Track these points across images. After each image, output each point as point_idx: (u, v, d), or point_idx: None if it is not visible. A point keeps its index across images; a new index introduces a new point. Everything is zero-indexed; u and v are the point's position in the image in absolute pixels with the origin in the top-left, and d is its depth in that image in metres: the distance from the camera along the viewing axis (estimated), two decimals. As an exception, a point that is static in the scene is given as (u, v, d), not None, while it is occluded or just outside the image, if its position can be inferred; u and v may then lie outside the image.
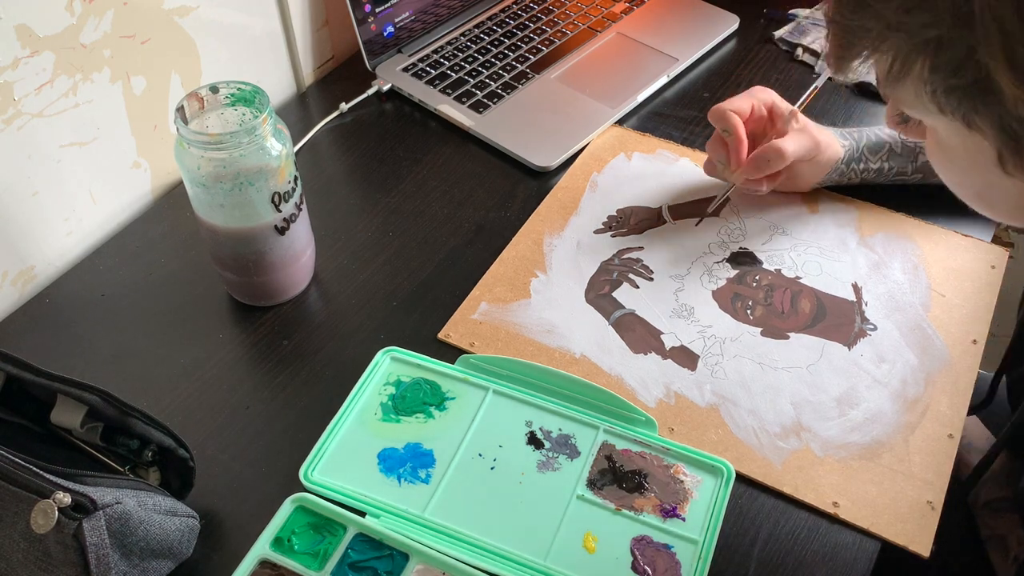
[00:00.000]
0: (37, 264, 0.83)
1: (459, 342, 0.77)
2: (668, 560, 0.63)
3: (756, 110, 0.82)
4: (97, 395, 0.60)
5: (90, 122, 0.82)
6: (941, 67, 0.43)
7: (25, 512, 0.53)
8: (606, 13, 1.12)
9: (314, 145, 0.97)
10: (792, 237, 0.86)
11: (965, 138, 0.46)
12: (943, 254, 0.84)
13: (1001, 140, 0.44)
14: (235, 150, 0.69)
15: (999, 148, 0.44)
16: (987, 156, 0.46)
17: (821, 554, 0.64)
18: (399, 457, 0.69)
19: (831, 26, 0.47)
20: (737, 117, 0.80)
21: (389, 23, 1.03)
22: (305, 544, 0.63)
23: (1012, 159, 0.44)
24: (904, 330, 0.78)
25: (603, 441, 0.70)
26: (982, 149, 0.46)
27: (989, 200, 0.52)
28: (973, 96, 0.43)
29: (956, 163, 0.51)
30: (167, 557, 0.61)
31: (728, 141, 0.81)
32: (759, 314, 0.79)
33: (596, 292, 0.81)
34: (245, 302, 0.81)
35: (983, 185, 0.50)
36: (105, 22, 0.79)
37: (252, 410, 0.73)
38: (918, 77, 0.44)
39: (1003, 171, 0.45)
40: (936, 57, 0.43)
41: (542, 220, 0.88)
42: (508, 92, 1.00)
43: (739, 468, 0.68)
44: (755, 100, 0.82)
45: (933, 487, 0.67)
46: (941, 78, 0.43)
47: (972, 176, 0.51)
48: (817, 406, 0.72)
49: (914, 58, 0.44)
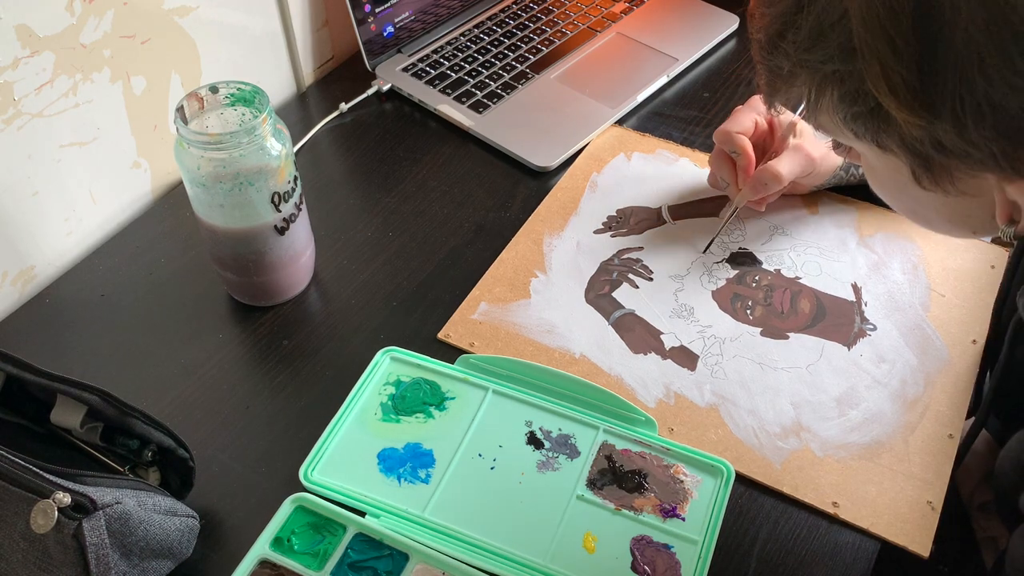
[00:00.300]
0: (37, 264, 0.83)
1: (459, 342, 0.77)
2: (668, 560, 0.63)
3: (759, 125, 0.82)
4: (97, 395, 0.60)
5: (90, 122, 0.82)
6: (845, 97, 0.46)
7: (25, 512, 0.53)
8: (606, 13, 1.12)
9: (314, 145, 0.97)
10: (792, 237, 0.86)
11: (883, 159, 0.49)
12: (943, 254, 0.84)
13: (910, 159, 0.46)
14: (235, 150, 0.69)
15: (911, 167, 0.47)
16: (904, 174, 0.48)
17: (821, 554, 0.64)
18: (399, 457, 0.69)
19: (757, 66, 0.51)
20: (744, 138, 0.81)
21: (389, 23, 1.03)
22: (305, 544, 0.64)
23: (924, 176, 0.46)
24: (904, 330, 0.78)
25: (603, 441, 0.70)
26: (899, 168, 0.48)
27: (924, 216, 0.54)
28: (874, 121, 0.45)
29: (884, 184, 0.53)
30: (167, 557, 0.61)
31: (737, 161, 0.82)
32: (759, 314, 0.79)
33: (596, 292, 0.81)
34: (245, 302, 0.81)
35: (912, 202, 0.53)
36: (105, 22, 0.79)
37: (252, 410, 0.73)
38: (829, 107, 0.47)
39: (921, 187, 0.47)
40: (840, 88, 0.45)
41: (542, 220, 0.88)
42: (508, 92, 1.00)
43: (739, 468, 0.68)
44: (756, 115, 0.82)
45: (933, 487, 0.67)
46: (845, 107, 0.46)
47: (901, 195, 0.53)
48: (817, 406, 0.72)
49: (823, 90, 0.47)
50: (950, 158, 0.44)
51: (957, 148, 0.43)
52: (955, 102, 0.40)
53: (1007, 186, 0.45)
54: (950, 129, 0.42)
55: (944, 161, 0.44)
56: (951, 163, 0.44)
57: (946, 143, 0.43)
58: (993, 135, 0.41)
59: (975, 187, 0.46)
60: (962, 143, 0.42)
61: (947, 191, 0.47)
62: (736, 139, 0.80)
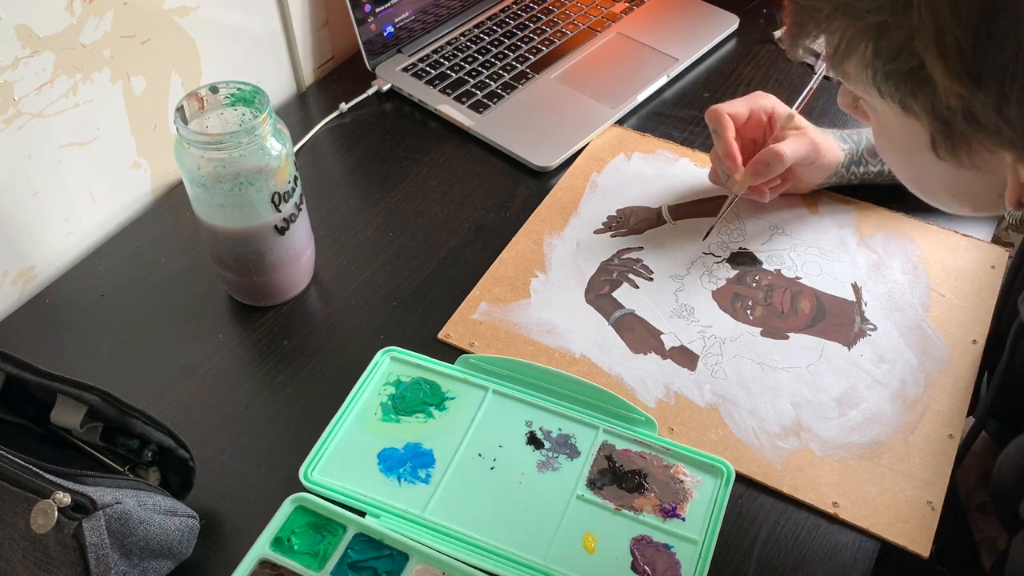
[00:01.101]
0: (37, 264, 0.83)
1: (459, 342, 0.77)
2: (668, 560, 0.63)
3: (755, 115, 0.82)
4: (97, 395, 0.60)
5: (90, 122, 0.82)
6: (881, 52, 0.44)
7: (25, 512, 0.53)
8: (606, 13, 1.12)
9: (314, 145, 0.97)
10: (792, 237, 0.86)
11: (902, 121, 0.48)
12: (943, 254, 0.84)
13: (934, 126, 0.45)
14: (235, 150, 0.69)
15: (932, 133, 0.46)
16: (921, 140, 0.47)
17: (821, 554, 0.64)
18: (399, 457, 0.69)
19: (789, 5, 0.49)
20: (728, 119, 0.80)
21: (389, 23, 1.03)
22: (305, 544, 0.64)
23: (944, 144, 0.46)
24: (904, 330, 0.78)
25: (603, 441, 0.70)
26: (917, 133, 0.47)
27: (926, 185, 0.53)
28: (909, 82, 0.44)
29: (894, 146, 0.52)
30: (167, 557, 0.61)
31: (715, 144, 0.82)
32: (759, 314, 0.79)
33: (596, 292, 0.81)
34: (245, 302, 0.81)
35: (919, 169, 0.52)
36: (105, 22, 0.79)
37: (252, 410, 0.73)
38: (861, 59, 0.46)
39: (935, 155, 0.47)
40: (878, 42, 0.44)
41: (542, 220, 0.88)
42: (508, 92, 1.00)
43: (739, 468, 0.68)
44: (754, 105, 0.82)
45: (933, 487, 0.67)
46: (881, 63, 0.45)
47: (909, 159, 0.52)
48: (817, 406, 0.72)
49: (858, 40, 0.45)
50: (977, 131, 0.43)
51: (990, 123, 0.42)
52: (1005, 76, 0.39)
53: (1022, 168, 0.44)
54: (990, 103, 0.41)
55: (969, 133, 0.44)
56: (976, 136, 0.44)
57: (980, 116, 0.42)
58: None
59: (990, 163, 0.46)
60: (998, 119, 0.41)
61: (961, 163, 0.46)
62: (720, 116, 0.80)
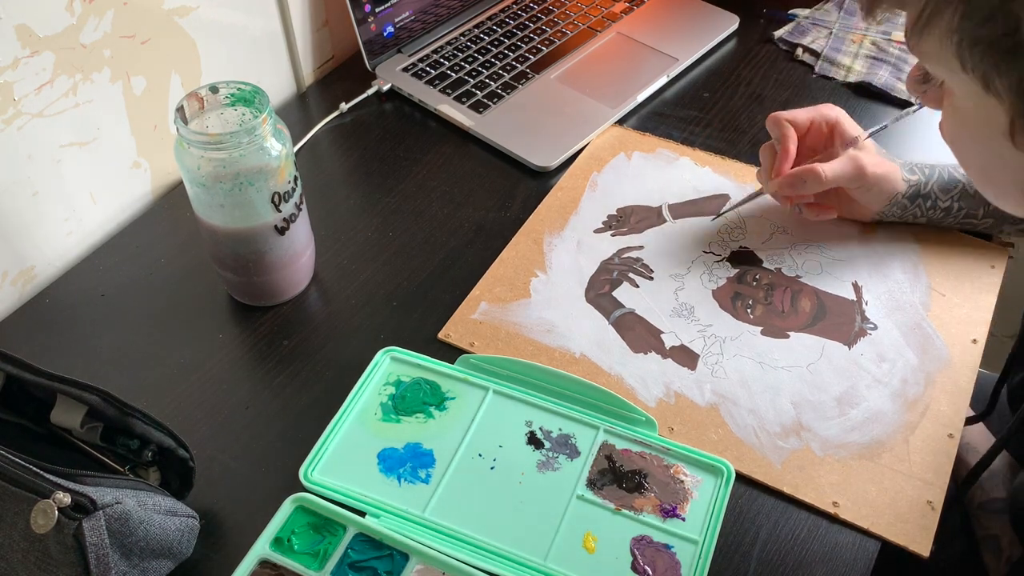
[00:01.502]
0: (37, 264, 0.83)
1: (459, 342, 0.77)
2: (668, 560, 0.63)
3: (816, 125, 0.80)
4: (97, 395, 0.60)
5: (90, 122, 0.82)
6: (972, 15, 0.42)
7: (25, 512, 0.53)
8: (606, 13, 1.12)
9: (314, 145, 0.97)
10: (792, 236, 0.85)
11: (981, 101, 0.46)
12: (943, 253, 0.84)
13: (1016, 106, 0.43)
14: (235, 150, 0.69)
15: (1012, 115, 0.44)
16: (998, 124, 0.45)
17: (821, 554, 0.64)
18: (399, 457, 0.69)
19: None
20: (791, 128, 0.78)
21: (389, 23, 1.03)
22: (305, 544, 0.64)
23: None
24: (904, 329, 0.78)
25: (603, 441, 0.70)
26: (995, 116, 0.45)
27: (992, 176, 0.51)
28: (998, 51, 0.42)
29: (967, 129, 0.50)
30: (167, 557, 0.61)
31: (776, 149, 0.80)
32: (759, 313, 0.79)
33: (596, 291, 0.81)
34: (245, 302, 0.81)
35: (989, 157, 0.49)
36: (105, 22, 0.79)
37: (252, 410, 0.73)
38: (947, 26, 0.44)
39: (1012, 143, 0.45)
40: (968, 4, 0.42)
41: (542, 220, 0.88)
42: (508, 92, 1.00)
43: (739, 468, 0.68)
44: (817, 115, 0.79)
45: (933, 487, 0.67)
46: (970, 27, 0.42)
47: (980, 145, 0.50)
48: (817, 405, 0.72)
49: (945, 5, 0.43)
50: None
51: None
52: None
53: None
54: None
55: None
56: None
57: None
58: None
59: None
60: None
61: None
62: (782, 125, 0.78)
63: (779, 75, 1.04)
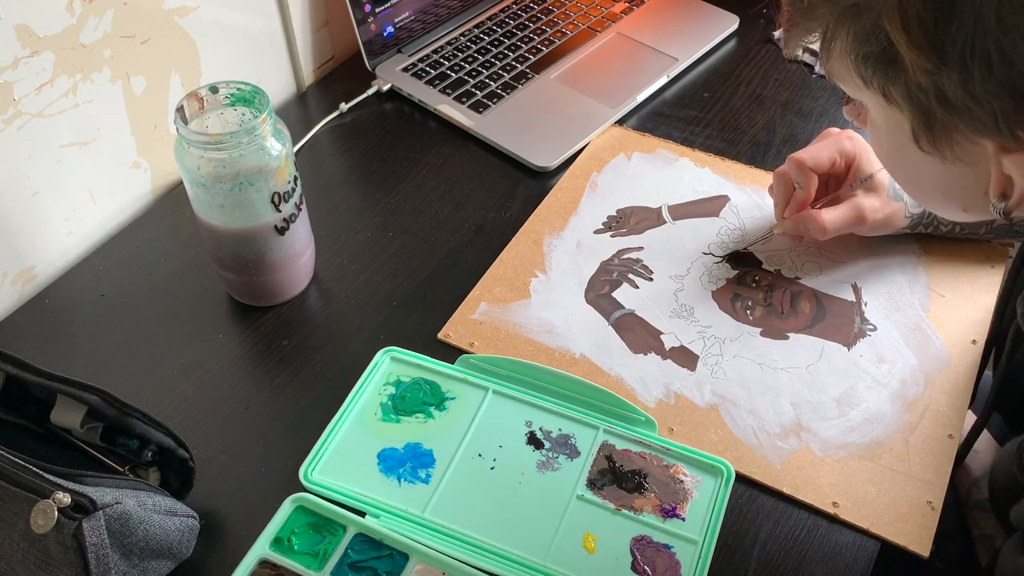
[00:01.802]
0: (37, 264, 0.83)
1: (459, 342, 0.77)
2: (668, 560, 0.63)
3: (835, 164, 0.79)
4: (97, 395, 0.60)
5: (90, 122, 0.82)
6: (859, 35, 0.45)
7: (25, 512, 0.53)
8: (606, 13, 1.12)
9: (314, 145, 0.97)
10: (792, 237, 0.85)
11: (887, 114, 0.48)
12: (942, 254, 0.84)
13: (913, 113, 0.46)
14: (235, 150, 0.69)
15: (912, 122, 0.46)
16: (905, 132, 0.47)
17: (821, 554, 0.64)
18: (399, 457, 0.69)
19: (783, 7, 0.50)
20: (814, 176, 0.78)
21: (389, 23, 1.03)
22: (305, 544, 0.64)
23: (924, 134, 0.46)
24: (904, 330, 0.78)
25: (603, 441, 0.70)
26: (900, 125, 0.47)
27: (918, 183, 0.53)
28: (883, 65, 0.45)
29: (883, 143, 0.52)
30: (167, 557, 0.61)
31: (796, 193, 0.80)
32: (759, 314, 0.79)
33: (596, 292, 0.81)
34: (245, 302, 0.81)
35: (909, 166, 0.52)
36: (105, 22, 0.79)
37: (252, 410, 0.73)
38: (842, 46, 0.47)
39: (919, 148, 0.47)
40: (856, 24, 0.45)
41: (542, 220, 0.88)
42: (508, 92, 1.00)
43: (739, 468, 0.68)
44: (837, 154, 0.78)
45: (933, 487, 0.67)
46: (859, 46, 0.46)
47: (898, 156, 0.52)
48: (817, 406, 0.72)
49: (840, 27, 0.46)
50: (952, 114, 0.44)
51: (960, 102, 0.42)
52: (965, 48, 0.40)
53: (1004, 158, 0.44)
54: (956, 78, 0.41)
55: (946, 119, 0.44)
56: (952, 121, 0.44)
57: (950, 95, 0.42)
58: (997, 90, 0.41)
59: (972, 155, 0.46)
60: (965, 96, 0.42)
61: (944, 155, 0.46)
62: (806, 175, 0.78)
63: (779, 75, 1.04)
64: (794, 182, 0.80)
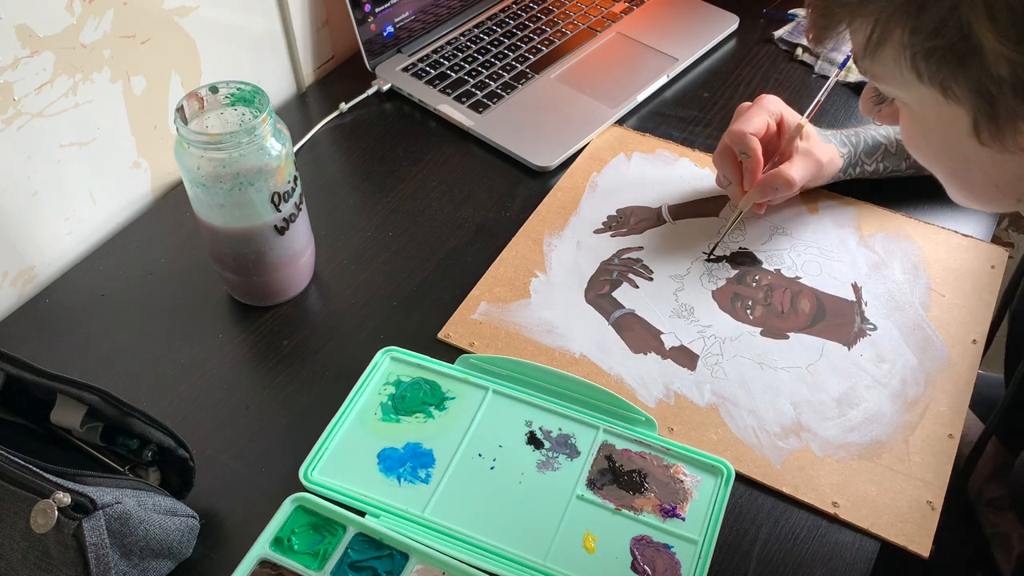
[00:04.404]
0: (37, 264, 0.83)
1: (459, 342, 0.77)
2: (668, 560, 0.63)
3: (768, 126, 0.81)
4: (97, 395, 0.60)
5: (90, 122, 0.82)
6: (922, 29, 0.44)
7: (25, 512, 0.53)
8: (606, 13, 1.12)
9: (314, 145, 0.97)
10: (792, 237, 0.86)
11: (941, 108, 0.47)
12: (943, 254, 0.84)
13: (977, 106, 0.45)
14: (235, 150, 0.69)
15: (974, 115, 0.45)
16: (962, 126, 0.46)
17: (821, 554, 0.64)
18: (399, 457, 0.69)
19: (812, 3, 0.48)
20: (757, 141, 0.80)
21: (389, 23, 1.03)
22: (305, 544, 0.64)
23: (987, 127, 0.45)
24: (904, 330, 0.78)
25: (603, 441, 0.70)
26: (957, 119, 0.46)
27: (967, 178, 0.52)
28: (953, 58, 0.43)
29: (931, 138, 0.51)
30: (167, 557, 0.61)
31: (744, 163, 0.81)
32: (759, 314, 0.79)
33: (596, 292, 0.81)
34: (245, 302, 0.81)
35: (959, 159, 0.51)
36: (105, 22, 0.79)
37: (252, 410, 0.73)
38: (898, 43, 0.45)
39: (978, 141, 0.46)
40: (917, 19, 0.43)
41: (542, 220, 0.88)
42: (508, 92, 1.00)
43: (739, 468, 0.68)
44: (767, 115, 0.81)
45: (933, 487, 0.67)
46: (921, 40, 0.44)
47: (947, 151, 0.51)
48: (817, 406, 0.72)
49: (895, 22, 0.45)
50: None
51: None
52: None
53: None
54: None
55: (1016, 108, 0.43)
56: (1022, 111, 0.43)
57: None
58: None
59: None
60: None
61: (1005, 146, 0.45)
62: (749, 140, 0.79)
63: (779, 75, 1.04)
64: (738, 154, 0.81)
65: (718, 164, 0.83)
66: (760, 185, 0.80)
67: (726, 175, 0.83)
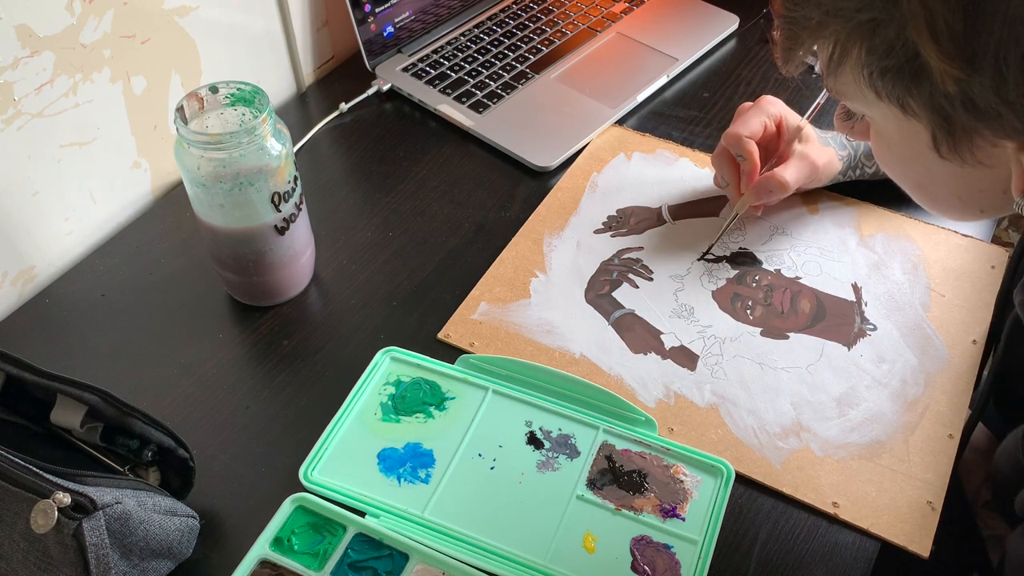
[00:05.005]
0: (37, 264, 0.83)
1: (459, 342, 0.77)
2: (668, 560, 0.63)
3: (767, 128, 0.81)
4: (97, 395, 0.60)
5: (90, 122, 0.82)
6: (876, 49, 0.45)
7: (25, 512, 0.53)
8: (606, 13, 1.12)
9: (314, 145, 0.97)
10: (792, 237, 0.86)
11: (901, 124, 0.48)
12: (943, 254, 0.84)
13: (934, 121, 0.45)
14: (235, 150, 0.69)
15: (932, 130, 0.46)
16: (923, 140, 0.47)
17: (821, 554, 0.64)
18: (399, 457, 0.69)
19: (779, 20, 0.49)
20: (753, 143, 0.80)
21: (389, 23, 1.03)
22: (305, 544, 0.64)
23: (945, 141, 0.46)
24: (904, 330, 0.78)
25: (603, 441, 0.70)
26: (917, 134, 0.47)
27: (931, 191, 0.53)
28: (905, 76, 0.44)
29: (895, 153, 0.52)
30: (167, 557, 0.61)
31: (742, 166, 0.81)
32: (759, 314, 0.79)
33: (596, 292, 0.81)
34: (245, 302, 0.81)
35: (923, 174, 0.52)
36: (105, 22, 0.79)
37: (252, 410, 0.73)
38: (856, 62, 0.46)
39: (938, 155, 0.47)
40: (871, 39, 0.44)
41: (542, 220, 0.88)
42: (508, 92, 1.00)
43: (739, 468, 0.68)
44: (766, 117, 0.81)
45: (933, 487, 0.67)
46: (876, 60, 0.45)
47: (911, 165, 0.52)
48: (817, 406, 0.72)
49: (852, 43, 0.46)
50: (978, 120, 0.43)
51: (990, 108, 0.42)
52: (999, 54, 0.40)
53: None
54: (988, 84, 0.41)
55: (969, 124, 0.44)
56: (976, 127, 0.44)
57: (979, 102, 0.42)
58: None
59: (992, 157, 0.46)
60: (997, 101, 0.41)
61: (964, 160, 0.46)
62: (745, 144, 0.80)
63: (779, 75, 1.04)
64: (736, 156, 0.81)
65: (716, 165, 0.84)
66: (755, 188, 0.81)
67: (724, 177, 0.83)
